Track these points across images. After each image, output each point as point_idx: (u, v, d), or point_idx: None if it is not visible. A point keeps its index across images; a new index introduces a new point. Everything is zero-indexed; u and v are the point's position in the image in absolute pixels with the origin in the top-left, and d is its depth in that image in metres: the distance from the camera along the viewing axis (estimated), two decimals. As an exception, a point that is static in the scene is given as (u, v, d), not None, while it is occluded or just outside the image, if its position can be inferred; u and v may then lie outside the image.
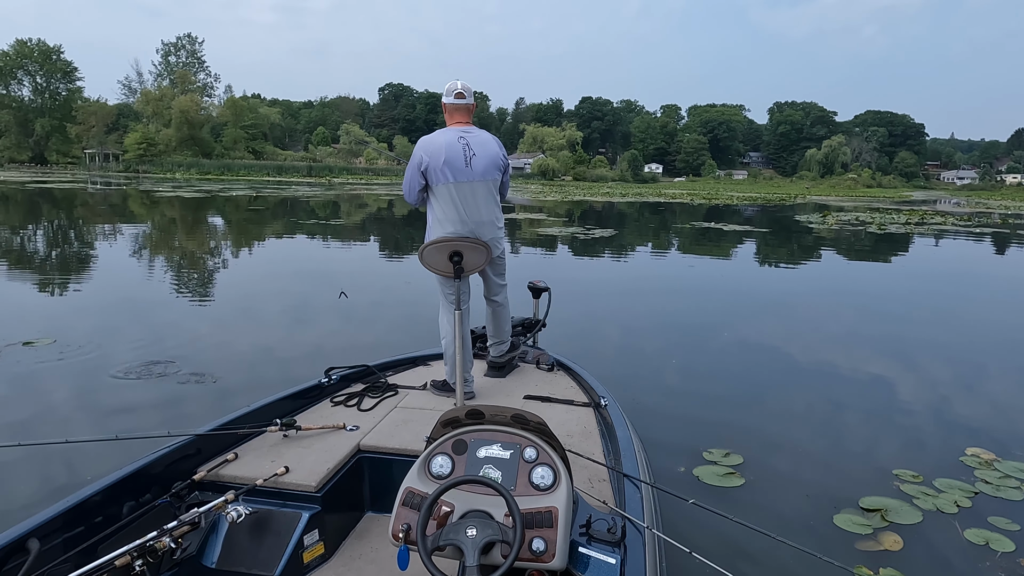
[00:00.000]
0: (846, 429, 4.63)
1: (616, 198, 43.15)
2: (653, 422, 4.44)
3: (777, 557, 2.91)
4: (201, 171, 65.13)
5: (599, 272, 12.26)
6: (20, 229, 16.78)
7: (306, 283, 9.76)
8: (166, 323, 7.05)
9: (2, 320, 6.93)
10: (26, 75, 71.79)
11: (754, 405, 5.05)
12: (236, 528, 2.32)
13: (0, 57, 69.07)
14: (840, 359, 6.40)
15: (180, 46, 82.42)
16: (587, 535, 1.90)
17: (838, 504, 3.48)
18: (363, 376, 3.55)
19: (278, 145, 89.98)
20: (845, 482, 3.77)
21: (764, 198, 50.25)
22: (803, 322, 8.30)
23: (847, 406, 5.07)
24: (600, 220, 25.15)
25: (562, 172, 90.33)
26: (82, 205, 25.34)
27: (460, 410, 1.98)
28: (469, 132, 3.30)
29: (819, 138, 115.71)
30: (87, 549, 2.00)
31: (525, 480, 1.86)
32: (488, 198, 3.33)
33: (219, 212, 24.00)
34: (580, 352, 5.47)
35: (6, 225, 17.56)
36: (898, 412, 4.96)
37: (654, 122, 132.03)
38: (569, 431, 2.93)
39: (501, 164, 3.37)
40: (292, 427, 2.78)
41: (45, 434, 3.98)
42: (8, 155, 70.31)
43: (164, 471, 2.38)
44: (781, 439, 4.38)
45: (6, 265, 10.88)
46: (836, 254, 16.19)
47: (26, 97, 72.22)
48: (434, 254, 3.21)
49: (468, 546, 1.60)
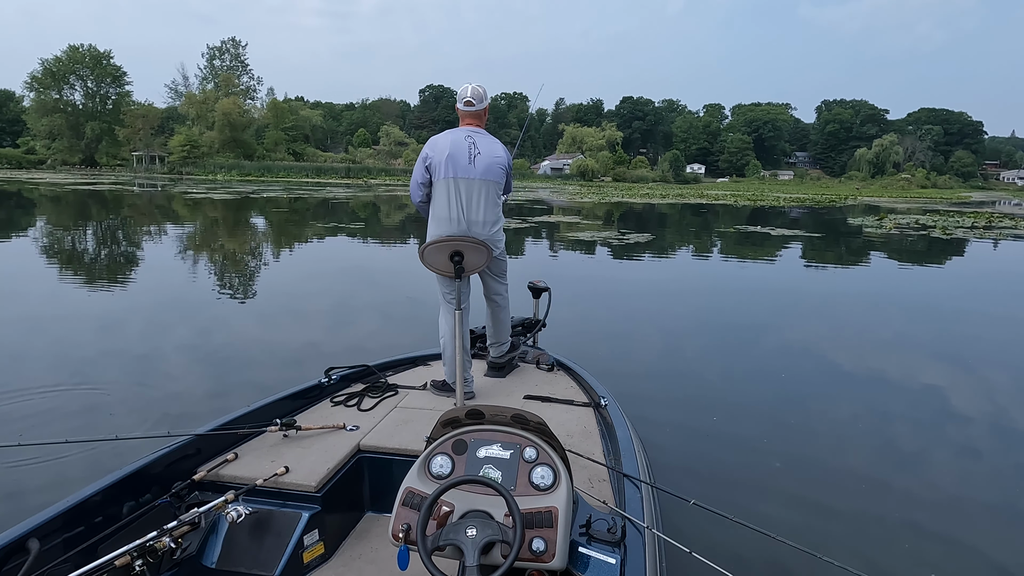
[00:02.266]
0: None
1: (656, 199, 42.00)
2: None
3: (777, 557, 2.87)
4: (242, 173, 66.08)
5: (629, 286, 10.60)
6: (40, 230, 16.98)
7: (342, 283, 9.96)
8: (213, 319, 7.36)
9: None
10: (78, 80, 73.92)
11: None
12: (236, 528, 2.31)
13: (53, 63, 71.22)
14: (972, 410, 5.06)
15: (225, 50, 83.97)
16: (587, 535, 1.89)
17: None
18: (363, 376, 3.55)
19: (319, 147, 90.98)
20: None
21: (812, 199, 48.30)
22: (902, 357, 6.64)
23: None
24: (639, 223, 24.18)
25: (601, 173, 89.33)
26: (105, 207, 25.02)
27: (460, 410, 1.98)
28: (477, 132, 3.35)
29: (869, 137, 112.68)
30: (87, 549, 2.00)
31: (525, 480, 1.85)
32: (487, 198, 3.32)
33: (246, 214, 23.75)
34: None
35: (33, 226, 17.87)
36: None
37: (696, 122, 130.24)
38: (569, 431, 2.93)
39: (504, 166, 3.40)
40: (292, 427, 2.78)
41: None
42: (61, 157, 72.62)
43: (164, 471, 2.38)
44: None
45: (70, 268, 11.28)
46: (904, 264, 14.46)
47: (78, 101, 74.25)
48: (435, 254, 3.22)
49: (468, 546, 1.59)
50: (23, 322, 6.91)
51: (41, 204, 26.05)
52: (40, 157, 74.11)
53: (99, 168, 71.73)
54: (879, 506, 3.54)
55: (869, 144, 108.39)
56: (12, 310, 7.56)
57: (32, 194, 31.11)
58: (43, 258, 12.01)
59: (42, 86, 71.22)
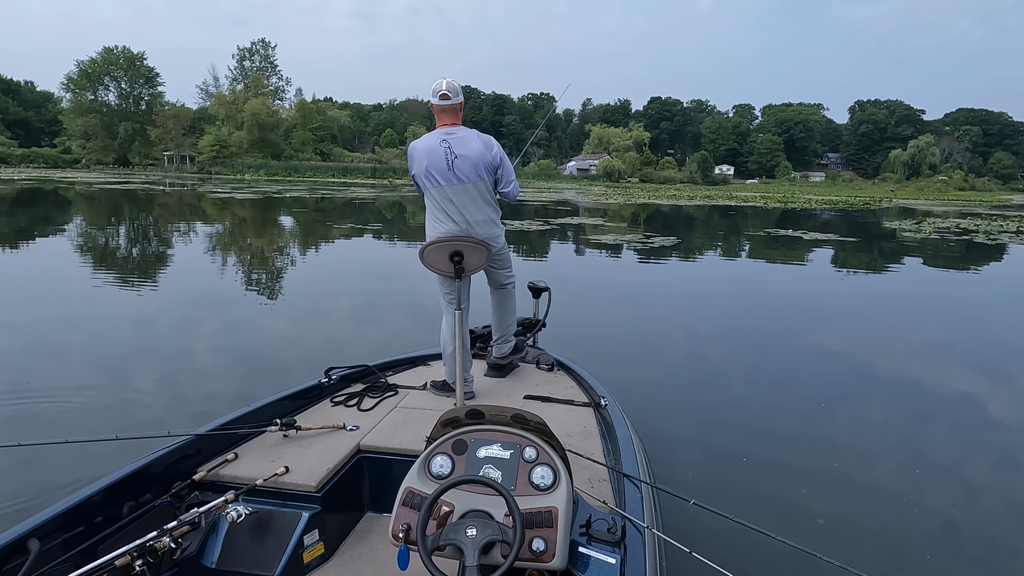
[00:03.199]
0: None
1: (684, 201, 41.30)
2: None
3: (777, 557, 2.85)
4: (269, 172, 66.75)
5: (650, 291, 9.97)
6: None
7: (362, 283, 10.07)
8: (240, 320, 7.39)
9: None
10: (112, 81, 75.36)
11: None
12: (236, 528, 2.30)
13: (89, 64, 72.66)
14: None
15: (254, 51, 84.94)
16: (587, 535, 1.89)
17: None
18: (363, 376, 3.54)
19: (347, 147, 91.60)
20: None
21: (846, 201, 47.14)
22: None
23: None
24: (665, 225, 23.68)
25: (628, 174, 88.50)
26: (127, 206, 24.99)
27: (460, 410, 1.97)
28: (452, 134, 3.18)
29: (904, 138, 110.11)
30: (87, 549, 1.99)
31: (525, 480, 1.85)
32: (478, 199, 3.23)
33: (269, 214, 23.65)
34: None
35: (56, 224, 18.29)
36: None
37: (726, 122, 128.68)
38: (569, 431, 2.92)
39: (490, 163, 3.22)
40: (292, 427, 2.77)
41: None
42: (95, 157, 74.19)
43: (164, 471, 2.37)
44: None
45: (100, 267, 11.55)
46: (948, 271, 13.60)
47: (112, 102, 75.66)
48: (435, 254, 3.17)
49: (468, 546, 1.59)
50: (51, 323, 6.98)
51: (65, 202, 26.51)
52: (75, 156, 75.84)
53: (132, 167, 73.15)
54: (881, 506, 3.52)
55: (904, 145, 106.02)
56: (45, 310, 7.62)
57: (66, 193, 31.71)
58: (63, 255, 12.14)
59: (77, 87, 72.90)
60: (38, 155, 74.56)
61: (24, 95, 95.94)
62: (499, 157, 3.26)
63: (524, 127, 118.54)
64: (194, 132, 78.81)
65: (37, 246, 13.47)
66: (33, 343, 6.11)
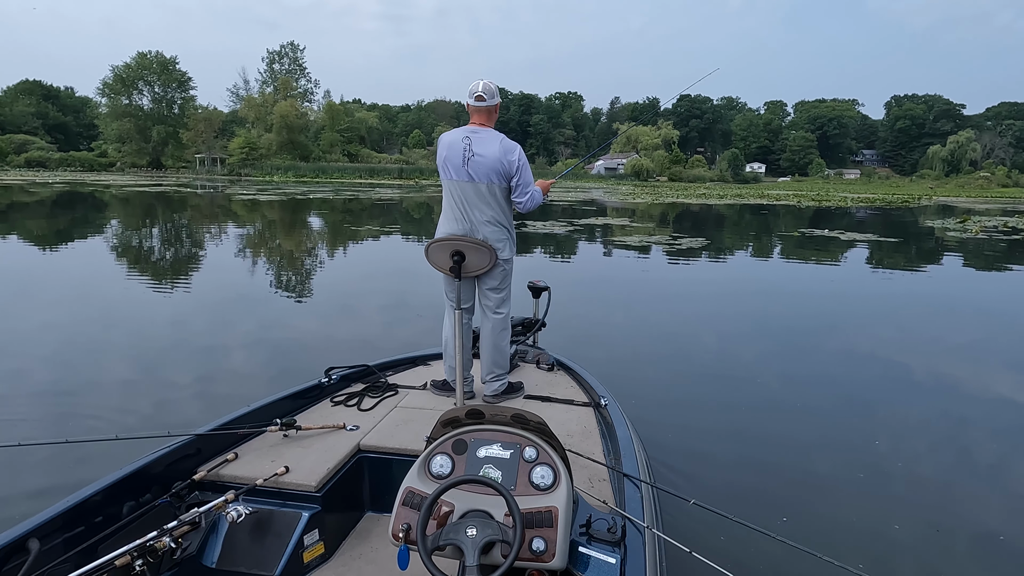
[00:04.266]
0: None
1: (714, 200, 40.41)
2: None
3: (777, 557, 2.82)
4: (297, 174, 67.36)
5: (679, 300, 9.06)
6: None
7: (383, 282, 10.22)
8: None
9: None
10: (146, 85, 76.78)
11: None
12: (236, 528, 2.30)
13: (123, 69, 74.13)
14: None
15: (284, 54, 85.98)
16: (587, 535, 1.88)
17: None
18: (363, 376, 3.54)
19: (375, 148, 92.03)
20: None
21: (883, 199, 45.71)
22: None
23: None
24: (695, 225, 23.02)
25: (657, 172, 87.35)
26: (149, 209, 24.85)
27: (460, 410, 1.96)
28: (476, 132, 3.20)
29: (944, 133, 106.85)
30: (87, 549, 1.99)
31: (525, 480, 1.84)
32: (486, 201, 3.19)
33: (292, 215, 23.41)
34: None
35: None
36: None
37: (757, 119, 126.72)
38: (569, 431, 2.92)
39: (503, 170, 3.17)
40: (292, 427, 2.77)
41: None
42: (130, 160, 75.72)
43: (164, 471, 2.37)
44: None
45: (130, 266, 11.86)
46: (1010, 275, 12.36)
47: (146, 106, 77.05)
48: (438, 252, 3.18)
49: (468, 546, 1.58)
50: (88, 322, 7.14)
51: (86, 205, 26.72)
52: (111, 160, 77.46)
53: (164, 170, 74.42)
54: (884, 506, 3.48)
55: (943, 141, 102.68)
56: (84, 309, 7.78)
57: (93, 197, 31.96)
58: (76, 256, 12.32)
59: (113, 92, 74.54)
60: (75, 159, 76.53)
61: (64, 100, 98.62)
62: (516, 165, 3.18)
63: (551, 127, 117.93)
64: (225, 135, 79.89)
65: (44, 247, 13.63)
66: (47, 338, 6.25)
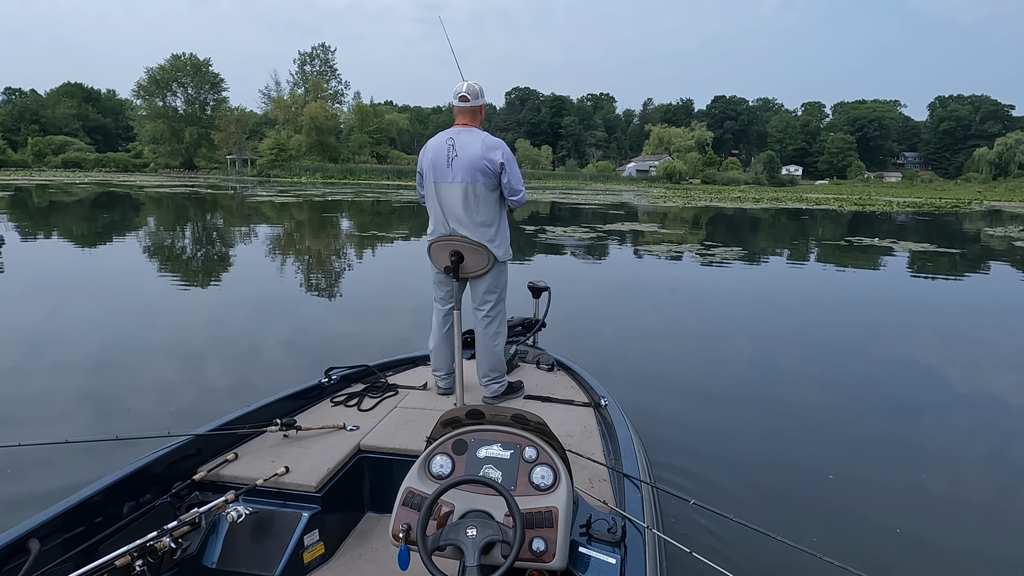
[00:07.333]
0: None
1: (749, 203, 39.10)
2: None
3: (777, 557, 2.79)
4: (325, 175, 67.55)
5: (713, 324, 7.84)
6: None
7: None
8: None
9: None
10: (179, 87, 77.76)
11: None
12: (236, 528, 2.29)
13: (157, 71, 75.24)
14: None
15: (315, 55, 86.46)
16: (587, 535, 1.89)
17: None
18: (363, 376, 3.53)
19: (405, 150, 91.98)
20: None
21: (930, 204, 43.80)
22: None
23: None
24: (729, 230, 21.76)
25: (690, 175, 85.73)
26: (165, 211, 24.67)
27: (460, 410, 1.96)
28: (459, 133, 3.19)
29: (991, 135, 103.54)
30: (87, 549, 1.99)
31: (525, 480, 1.84)
32: (467, 200, 3.14)
33: (294, 218, 22.72)
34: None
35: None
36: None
37: (794, 121, 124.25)
38: (569, 431, 2.91)
39: (485, 168, 3.12)
40: (292, 427, 2.76)
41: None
42: (163, 161, 76.88)
43: (164, 471, 2.36)
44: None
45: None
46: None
47: (179, 107, 78.02)
48: (439, 251, 3.20)
49: (468, 546, 1.59)
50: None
51: (109, 206, 26.68)
52: (145, 160, 78.63)
53: (196, 171, 75.23)
54: (884, 507, 3.45)
55: (990, 143, 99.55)
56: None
57: (127, 198, 31.91)
58: (89, 257, 12.45)
59: (147, 93, 75.66)
60: (111, 160, 78.16)
61: (103, 102, 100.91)
62: (500, 163, 3.13)
63: (583, 128, 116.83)
64: (256, 136, 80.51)
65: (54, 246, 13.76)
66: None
